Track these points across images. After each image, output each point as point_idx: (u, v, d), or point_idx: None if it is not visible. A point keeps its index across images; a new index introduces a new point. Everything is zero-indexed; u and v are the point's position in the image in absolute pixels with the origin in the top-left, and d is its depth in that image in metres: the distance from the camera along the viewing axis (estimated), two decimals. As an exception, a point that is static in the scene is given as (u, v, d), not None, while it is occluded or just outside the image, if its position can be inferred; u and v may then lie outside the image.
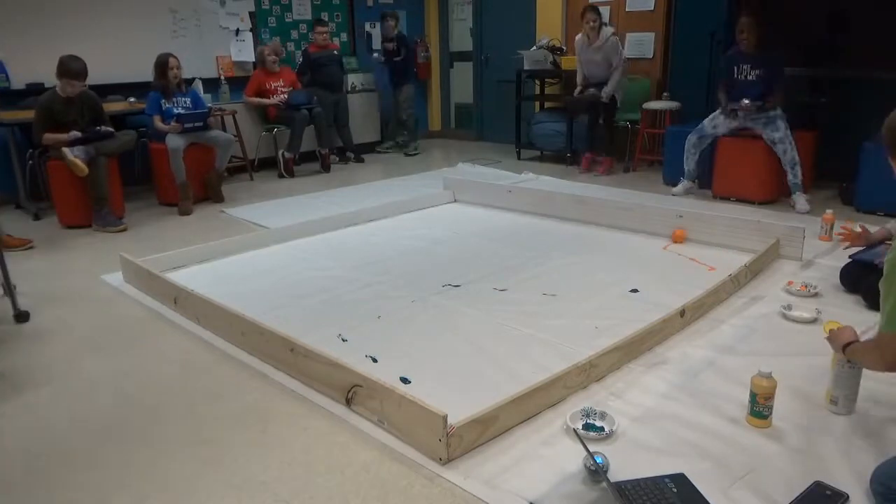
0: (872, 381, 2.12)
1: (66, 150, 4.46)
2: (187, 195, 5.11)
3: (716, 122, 4.92)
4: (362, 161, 7.11)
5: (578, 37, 5.91)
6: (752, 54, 4.67)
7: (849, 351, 1.94)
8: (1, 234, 3.97)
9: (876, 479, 1.66)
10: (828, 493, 1.70)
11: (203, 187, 5.34)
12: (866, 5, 5.05)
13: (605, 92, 5.83)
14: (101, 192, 4.59)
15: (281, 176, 6.34)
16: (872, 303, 2.88)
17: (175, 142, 5.05)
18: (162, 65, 5.14)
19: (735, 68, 4.79)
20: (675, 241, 3.87)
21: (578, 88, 6.11)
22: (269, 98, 6.38)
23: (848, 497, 1.68)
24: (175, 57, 5.20)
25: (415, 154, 7.45)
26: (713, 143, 5.02)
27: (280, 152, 6.35)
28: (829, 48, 5.26)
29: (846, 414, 2.05)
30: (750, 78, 4.73)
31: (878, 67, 4.95)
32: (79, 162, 4.44)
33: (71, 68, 4.45)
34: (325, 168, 6.60)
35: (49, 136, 4.53)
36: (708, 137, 4.97)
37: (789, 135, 4.61)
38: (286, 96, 6.40)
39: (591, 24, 5.68)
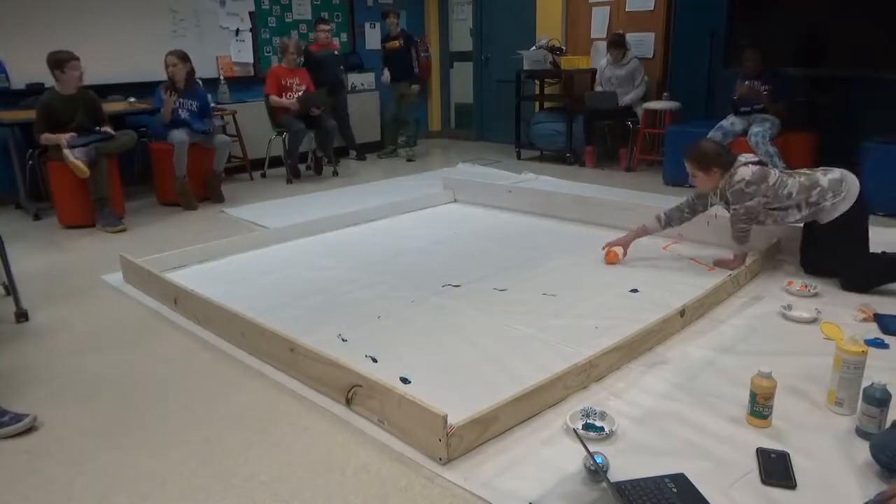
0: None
1: (66, 151, 4.46)
2: (185, 189, 5.12)
3: (732, 121, 5.27)
4: (364, 159, 7.18)
5: (603, 61, 6.37)
6: (760, 73, 5.17)
7: None
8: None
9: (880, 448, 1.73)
10: (773, 455, 1.83)
11: (203, 187, 5.34)
12: (866, 6, 5.05)
13: (625, 100, 6.20)
14: (103, 192, 4.59)
15: (289, 182, 6.14)
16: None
17: (180, 136, 5.05)
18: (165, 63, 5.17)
19: (748, 83, 5.26)
20: (675, 241, 3.87)
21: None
22: (286, 96, 6.08)
23: (788, 454, 1.83)
24: (172, 55, 5.16)
25: (412, 160, 7.20)
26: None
27: (286, 159, 6.19)
28: (827, 48, 5.28)
29: (849, 414, 2.05)
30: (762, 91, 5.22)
31: (878, 67, 4.94)
32: (80, 164, 4.44)
33: (63, 54, 4.50)
34: (317, 171, 6.47)
35: (47, 136, 4.54)
36: (730, 135, 5.16)
37: (767, 133, 4.96)
38: (300, 95, 6.14)
39: (619, 53, 6.23)
